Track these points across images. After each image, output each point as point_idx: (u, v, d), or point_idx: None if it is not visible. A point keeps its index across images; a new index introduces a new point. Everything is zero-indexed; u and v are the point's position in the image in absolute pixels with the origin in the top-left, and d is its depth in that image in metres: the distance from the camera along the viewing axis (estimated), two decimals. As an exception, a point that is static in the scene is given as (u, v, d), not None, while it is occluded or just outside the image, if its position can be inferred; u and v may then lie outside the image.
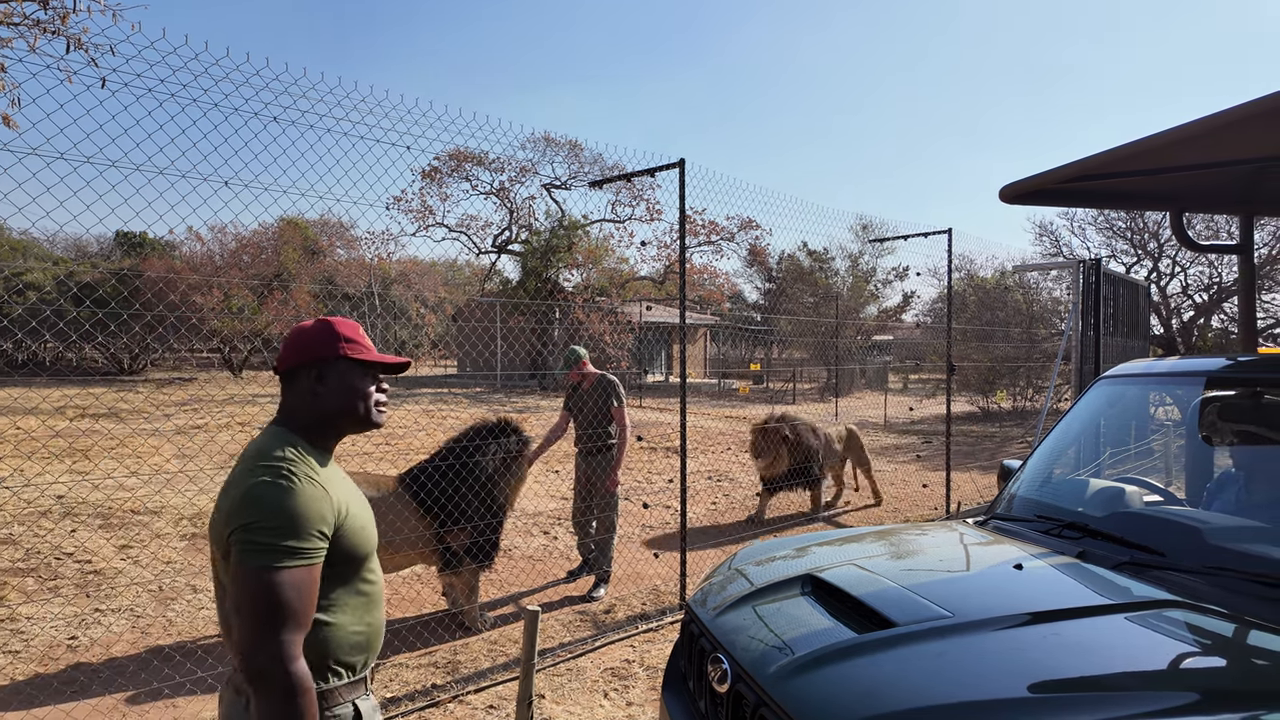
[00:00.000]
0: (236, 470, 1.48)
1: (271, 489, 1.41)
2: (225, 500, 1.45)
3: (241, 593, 1.35)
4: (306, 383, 1.59)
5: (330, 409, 1.60)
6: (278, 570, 1.36)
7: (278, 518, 1.39)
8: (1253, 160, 3.01)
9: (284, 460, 1.46)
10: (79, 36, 3.35)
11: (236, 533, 1.38)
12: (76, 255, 28.88)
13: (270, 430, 1.57)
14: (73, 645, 4.14)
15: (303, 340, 1.60)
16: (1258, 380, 2.50)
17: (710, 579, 2.61)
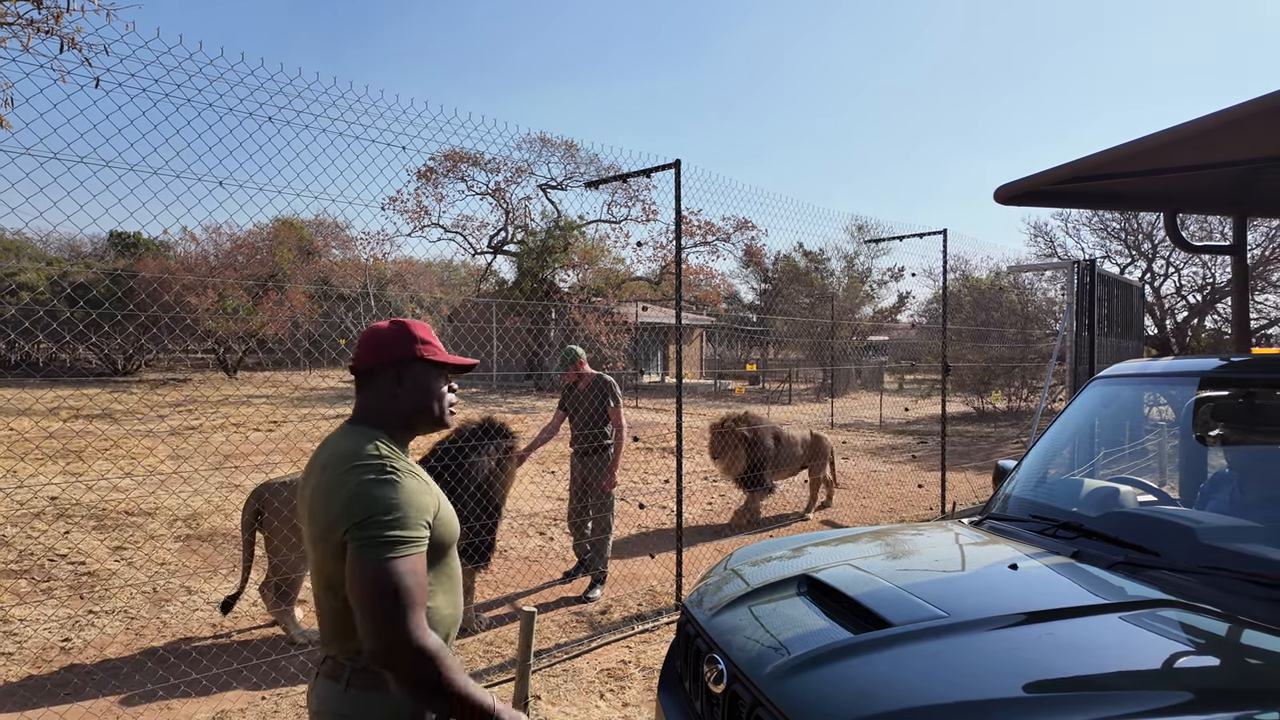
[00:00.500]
0: (330, 474, 1.52)
1: (379, 486, 1.47)
2: (328, 504, 1.49)
3: (366, 586, 1.41)
4: (385, 383, 1.65)
5: (408, 408, 1.66)
6: (397, 560, 1.42)
7: (390, 512, 1.45)
8: (1246, 161, 3.03)
9: (382, 457, 1.52)
10: (73, 36, 3.33)
11: (352, 531, 1.44)
12: (70, 255, 28.79)
13: (352, 430, 1.61)
14: (66, 647, 4.12)
15: (381, 341, 1.65)
16: (1251, 380, 2.51)
17: (706, 579, 2.61)
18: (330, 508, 1.49)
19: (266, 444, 10.57)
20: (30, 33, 3.35)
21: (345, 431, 1.62)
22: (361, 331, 1.67)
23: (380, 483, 1.47)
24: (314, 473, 1.59)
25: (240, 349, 26.64)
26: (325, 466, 1.55)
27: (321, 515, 1.51)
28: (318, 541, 1.52)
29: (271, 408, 15.93)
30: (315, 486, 1.55)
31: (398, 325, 1.68)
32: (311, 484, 1.57)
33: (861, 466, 10.73)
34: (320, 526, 1.51)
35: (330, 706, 1.54)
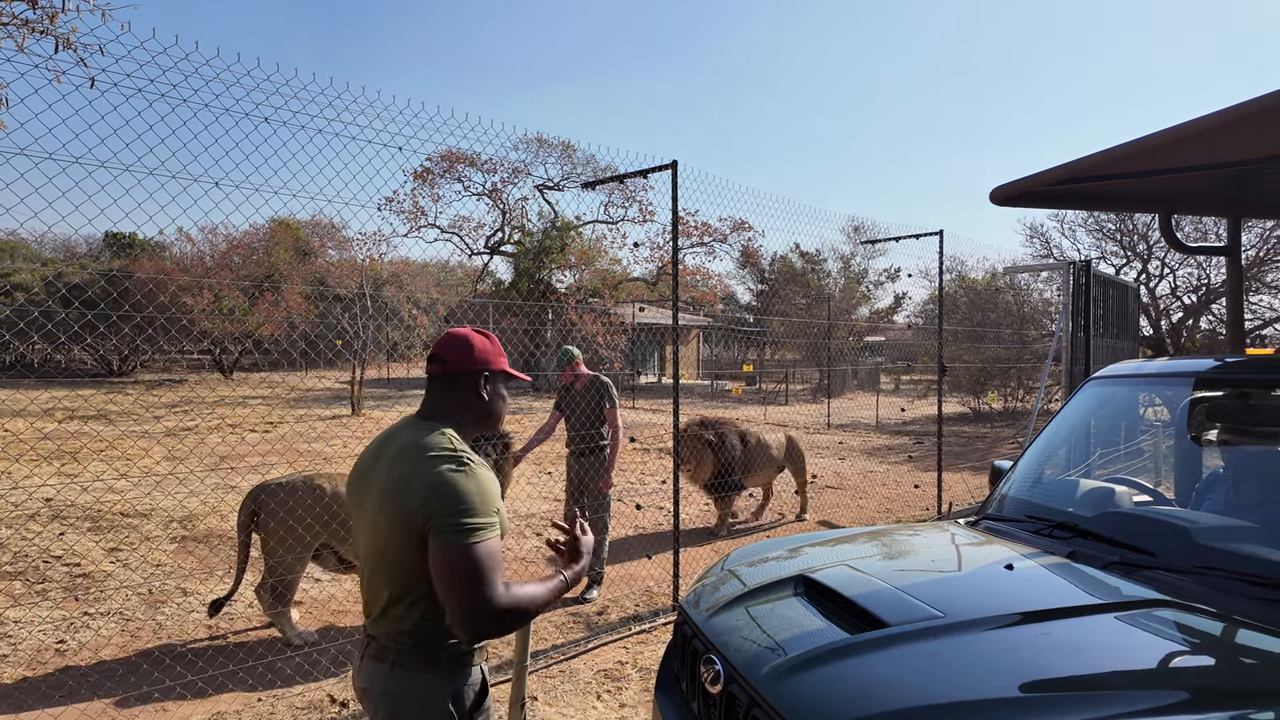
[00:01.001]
0: (407, 464, 1.62)
1: (458, 476, 1.59)
2: (407, 492, 1.59)
3: (452, 567, 1.53)
4: (469, 385, 1.78)
5: (484, 411, 1.81)
6: (478, 544, 1.55)
7: (470, 499, 1.57)
8: (1241, 163, 3.04)
9: (457, 450, 1.64)
10: (68, 36, 3.32)
11: (435, 518, 1.55)
12: (65, 256, 28.68)
13: (422, 424, 1.73)
14: (61, 649, 4.11)
15: (475, 349, 1.79)
16: (1245, 381, 2.52)
17: (703, 580, 2.61)
18: (410, 495, 1.58)
19: (262, 445, 10.54)
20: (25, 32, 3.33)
21: (415, 425, 1.74)
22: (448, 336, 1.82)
23: (458, 473, 1.59)
24: (384, 461, 1.69)
25: (236, 350, 26.58)
26: (399, 456, 1.66)
27: (399, 501, 1.60)
28: (389, 525, 1.61)
29: (268, 409, 15.89)
30: (388, 474, 1.65)
31: (486, 336, 1.83)
32: (383, 471, 1.67)
33: (858, 467, 10.74)
34: (396, 511, 1.60)
35: (378, 686, 1.65)
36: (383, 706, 1.65)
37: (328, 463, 9.43)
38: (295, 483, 4.11)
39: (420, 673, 1.63)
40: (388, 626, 1.66)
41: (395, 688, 1.63)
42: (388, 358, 28.80)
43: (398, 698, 1.63)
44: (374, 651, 1.68)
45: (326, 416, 14.81)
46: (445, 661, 1.65)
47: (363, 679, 1.70)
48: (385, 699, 1.64)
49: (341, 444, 11.14)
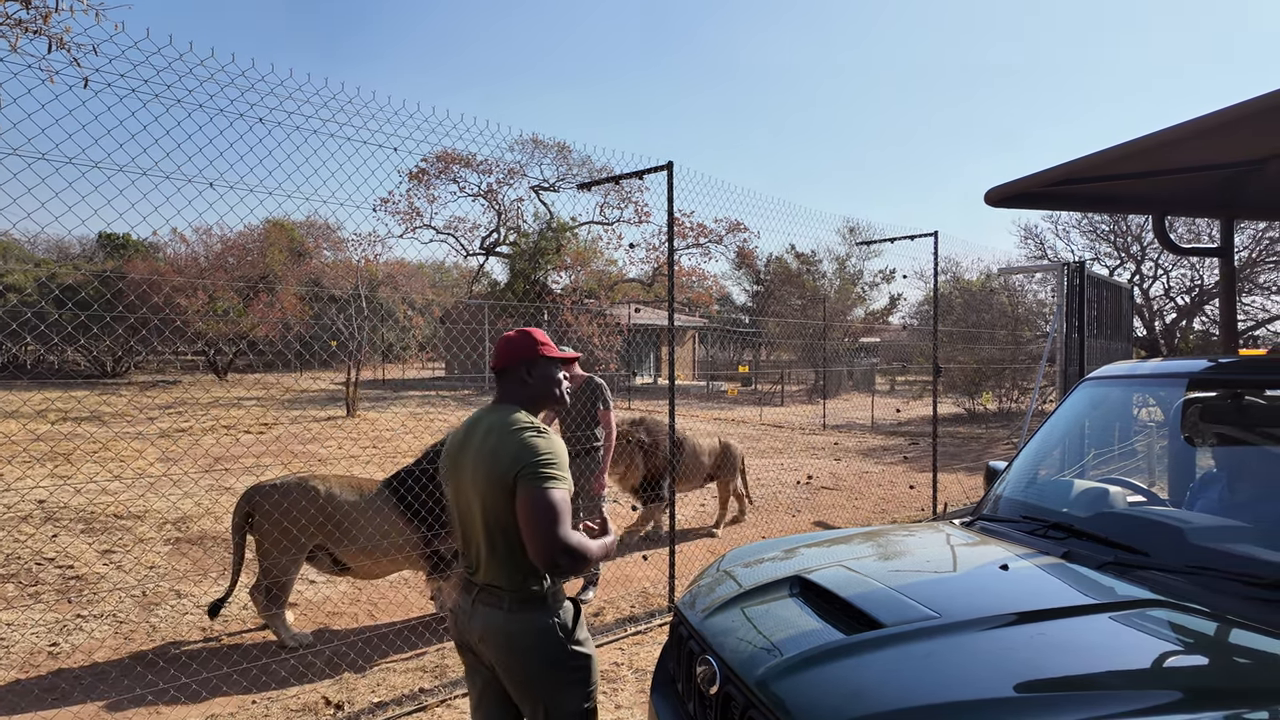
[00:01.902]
0: (494, 439, 2.03)
1: (537, 439, 1.99)
2: (499, 457, 1.98)
3: (532, 507, 1.90)
4: (518, 375, 2.18)
5: (536, 393, 2.19)
6: (552, 489, 1.92)
7: (546, 456, 1.96)
8: (1233, 165, 3.05)
9: (531, 422, 2.05)
10: (61, 36, 3.31)
11: (521, 470, 1.93)
12: (58, 257, 28.56)
13: (501, 408, 2.13)
14: (54, 652, 4.09)
15: (513, 346, 2.18)
16: (1238, 382, 2.53)
17: (699, 581, 2.61)
18: (501, 459, 1.97)
19: (257, 446, 10.51)
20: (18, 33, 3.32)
21: (495, 409, 2.15)
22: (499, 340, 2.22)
23: (537, 437, 1.99)
24: (474, 439, 2.09)
25: (230, 351, 26.50)
26: (487, 432, 2.06)
27: (493, 468, 1.98)
28: (488, 489, 1.99)
29: (262, 410, 15.84)
30: (479, 448, 2.05)
31: (523, 333, 2.20)
32: (474, 447, 2.07)
33: (853, 467, 10.76)
34: (492, 476, 1.98)
35: (496, 626, 2.01)
36: (504, 643, 2.01)
37: (322, 464, 9.41)
38: (290, 484, 4.09)
39: (530, 610, 2.01)
40: (494, 576, 2.03)
41: (513, 625, 2.00)
42: (383, 359, 28.73)
43: (516, 634, 2.00)
44: (485, 599, 2.04)
45: (321, 418, 14.78)
46: (547, 598, 2.03)
47: (478, 624, 2.04)
48: (507, 636, 2.00)
49: (336, 445, 11.11)
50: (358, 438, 12.02)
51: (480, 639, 2.05)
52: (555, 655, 2.01)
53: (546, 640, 2.01)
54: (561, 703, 2.02)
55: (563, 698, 2.02)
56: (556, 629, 2.03)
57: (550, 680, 2.02)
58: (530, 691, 2.02)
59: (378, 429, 13.14)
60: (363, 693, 3.68)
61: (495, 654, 2.02)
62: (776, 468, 10.40)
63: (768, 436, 14.17)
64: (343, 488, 4.21)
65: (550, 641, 2.01)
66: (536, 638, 2.00)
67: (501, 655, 2.01)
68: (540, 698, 2.02)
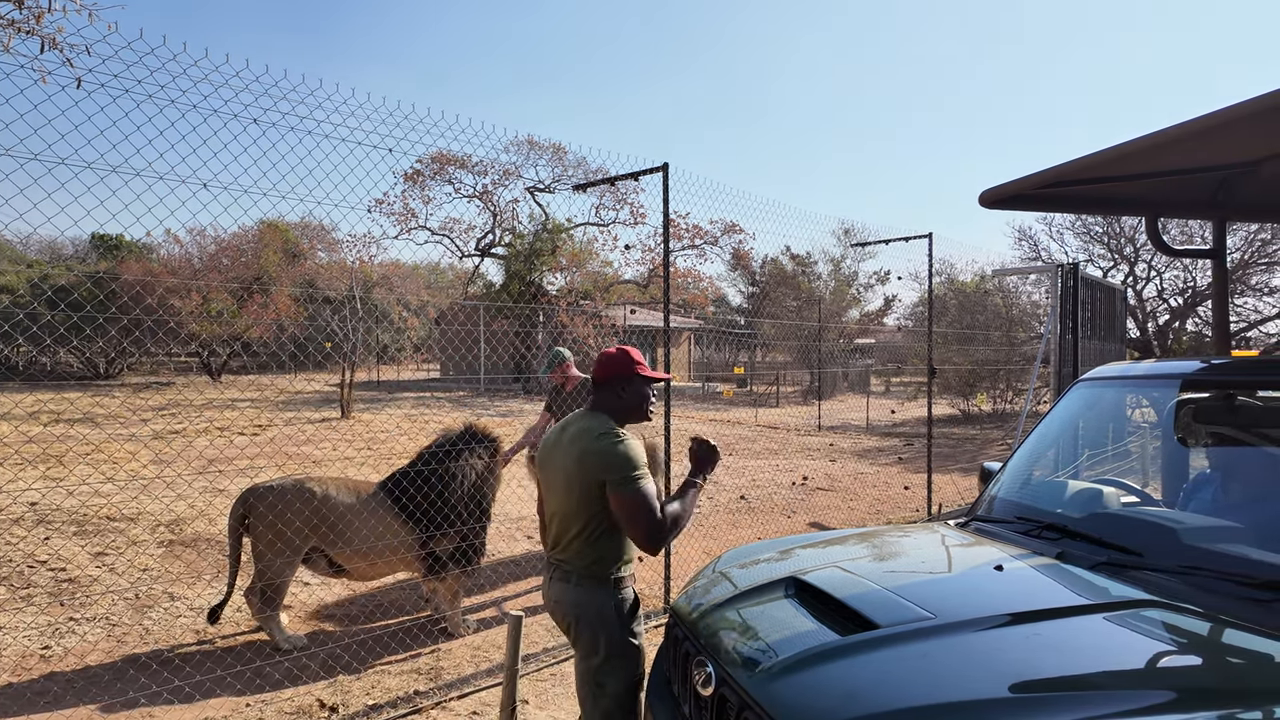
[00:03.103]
0: (582, 443, 2.36)
1: (620, 446, 2.32)
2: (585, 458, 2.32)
3: (630, 508, 2.27)
4: (614, 389, 2.49)
5: (629, 406, 2.50)
6: (641, 488, 2.28)
7: (630, 461, 2.30)
8: (1225, 166, 3.07)
9: (614, 430, 2.38)
10: (54, 36, 3.30)
11: (613, 478, 2.28)
12: (51, 258, 28.44)
13: (592, 415, 2.47)
14: (46, 655, 4.06)
15: (613, 363, 2.49)
16: (1231, 382, 2.54)
17: (694, 582, 2.61)
18: (588, 463, 2.31)
19: (251, 448, 10.48)
20: (11, 32, 3.31)
21: (586, 415, 2.48)
22: (600, 355, 2.53)
23: (619, 444, 2.32)
24: (564, 440, 2.44)
25: (225, 352, 26.40)
26: (575, 437, 2.40)
27: (579, 469, 2.33)
28: (570, 484, 2.35)
29: (256, 411, 15.79)
30: (567, 449, 2.40)
31: (621, 351, 2.53)
32: (563, 447, 2.42)
33: (849, 469, 10.77)
34: (578, 475, 2.33)
35: (568, 598, 2.37)
36: (570, 613, 2.37)
37: (317, 465, 9.38)
38: (287, 486, 4.08)
39: (594, 589, 2.35)
40: (570, 556, 2.39)
41: (579, 599, 2.35)
42: (378, 360, 28.67)
43: (580, 605, 2.35)
44: (560, 574, 2.42)
45: (316, 419, 14.74)
46: (610, 582, 2.37)
47: (553, 593, 2.44)
48: (572, 607, 2.36)
49: (331, 447, 11.08)
50: (352, 439, 11.99)
51: (553, 607, 2.45)
52: (609, 633, 2.33)
53: (603, 618, 2.33)
54: (608, 676, 2.33)
55: (609, 672, 2.32)
56: (613, 611, 2.35)
57: (601, 653, 2.33)
58: (584, 658, 2.36)
59: (372, 430, 13.11)
60: (357, 695, 3.67)
61: (561, 620, 2.43)
62: (772, 469, 10.41)
63: (763, 438, 14.18)
64: (339, 489, 4.20)
65: (606, 620, 2.34)
66: (596, 612, 2.34)
67: (566, 622, 2.40)
68: (591, 665, 2.34)
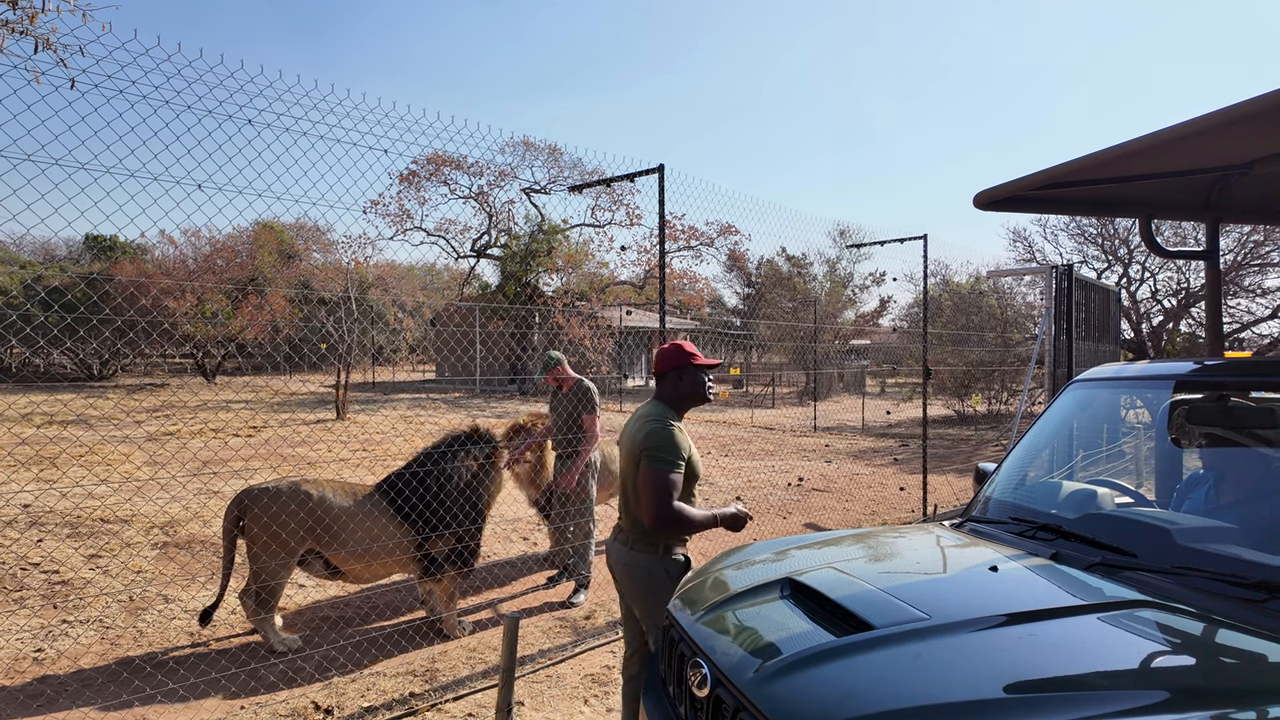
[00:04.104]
0: (639, 424, 2.74)
1: (662, 430, 2.66)
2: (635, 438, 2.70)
3: (645, 482, 2.60)
4: (672, 379, 2.81)
5: (687, 392, 2.82)
6: (662, 471, 2.59)
7: (665, 444, 2.62)
8: (1218, 168, 3.09)
9: (665, 416, 2.72)
10: (47, 37, 3.28)
11: (645, 452, 2.63)
12: (44, 259, 28.32)
13: (654, 403, 2.83)
14: (39, 658, 4.05)
15: (670, 356, 2.81)
16: (1224, 384, 2.55)
17: (690, 583, 2.61)
18: (638, 440, 2.68)
19: (246, 449, 10.44)
20: (4, 33, 3.29)
21: (652, 403, 2.84)
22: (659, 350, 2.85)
23: (663, 430, 2.66)
24: (632, 423, 2.81)
25: (219, 353, 26.32)
26: (639, 420, 2.77)
27: (632, 444, 2.71)
28: (628, 459, 2.74)
29: (251, 413, 15.75)
30: (633, 430, 2.76)
31: (675, 345, 2.82)
32: (630, 430, 2.79)
33: (844, 469, 10.79)
34: (631, 450, 2.72)
35: (623, 560, 2.76)
36: (625, 572, 2.76)
37: (312, 467, 9.35)
38: (282, 488, 4.07)
39: (646, 551, 2.71)
40: (627, 522, 2.80)
41: (633, 561, 2.73)
42: (373, 362, 28.61)
43: (634, 567, 2.73)
44: (621, 539, 2.81)
45: (311, 421, 14.70)
46: (660, 548, 2.71)
47: (613, 556, 2.83)
48: (626, 567, 2.75)
49: (326, 448, 11.05)
50: (347, 441, 11.96)
51: (613, 566, 2.83)
52: (658, 592, 2.65)
53: (653, 579, 2.68)
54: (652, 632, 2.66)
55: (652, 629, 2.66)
56: (663, 571, 2.69)
57: (652, 609, 2.65)
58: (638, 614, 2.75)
59: (368, 432, 13.08)
60: (352, 697, 3.66)
61: (619, 578, 2.81)
62: (768, 470, 10.42)
63: (759, 439, 14.19)
64: (336, 491, 4.19)
65: (656, 580, 2.68)
66: (647, 573, 2.69)
67: (623, 580, 2.78)
68: (644, 620, 2.73)
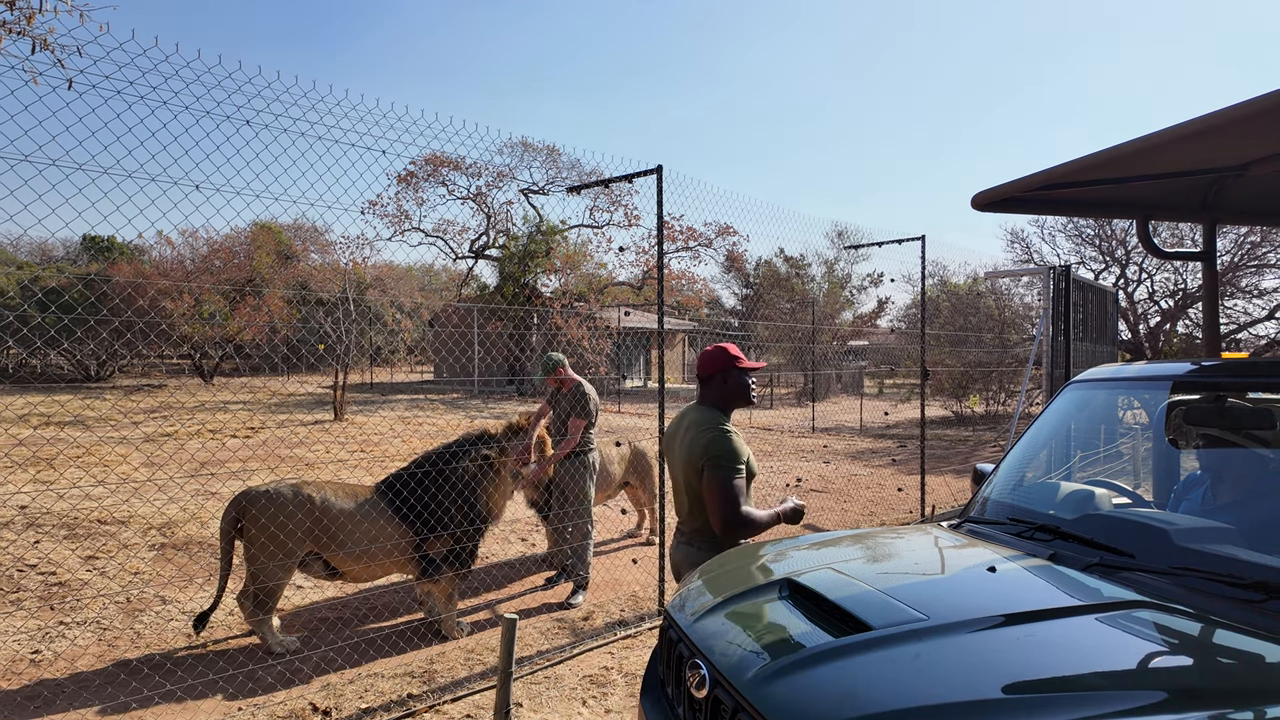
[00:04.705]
0: (692, 433, 2.79)
1: (721, 437, 2.71)
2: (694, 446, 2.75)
3: (713, 491, 2.68)
4: (718, 382, 2.87)
5: (732, 394, 2.87)
6: (729, 479, 2.68)
7: (727, 451, 2.69)
8: (1215, 170, 3.09)
9: (720, 422, 2.78)
10: (45, 37, 3.28)
11: (708, 462, 2.69)
12: (42, 260, 28.27)
13: (701, 408, 2.87)
14: (36, 659, 4.04)
15: (714, 359, 2.87)
16: (1221, 384, 2.56)
17: (689, 584, 2.60)
18: (696, 449, 2.73)
19: (244, 451, 10.43)
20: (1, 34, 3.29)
21: (698, 408, 2.89)
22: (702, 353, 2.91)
23: (723, 437, 2.72)
24: (680, 428, 2.89)
25: (217, 354, 26.29)
26: (689, 427, 2.81)
27: (691, 454, 2.75)
28: (688, 467, 2.78)
29: (249, 414, 15.72)
30: (683, 437, 2.83)
31: (720, 348, 2.88)
32: (680, 435, 2.86)
33: (842, 470, 10.79)
34: (690, 459, 2.76)
35: (689, 559, 2.81)
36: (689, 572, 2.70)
37: (310, 468, 9.34)
38: (282, 490, 4.06)
39: (709, 551, 2.76)
40: (692, 526, 2.86)
41: (697, 560, 2.76)
42: (371, 363, 28.59)
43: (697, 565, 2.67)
44: (685, 539, 2.89)
45: (309, 422, 14.68)
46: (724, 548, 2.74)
47: (679, 556, 2.89)
48: (691, 567, 2.74)
49: (324, 449, 11.04)
50: (345, 442, 11.95)
51: (678, 565, 2.89)
52: None
53: None
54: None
55: None
56: None
57: None
58: None
59: (365, 433, 13.07)
60: (350, 699, 3.66)
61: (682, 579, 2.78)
62: (766, 470, 10.42)
63: (757, 440, 14.20)
64: (335, 493, 4.18)
65: None
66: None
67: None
68: None
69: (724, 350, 2.86)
